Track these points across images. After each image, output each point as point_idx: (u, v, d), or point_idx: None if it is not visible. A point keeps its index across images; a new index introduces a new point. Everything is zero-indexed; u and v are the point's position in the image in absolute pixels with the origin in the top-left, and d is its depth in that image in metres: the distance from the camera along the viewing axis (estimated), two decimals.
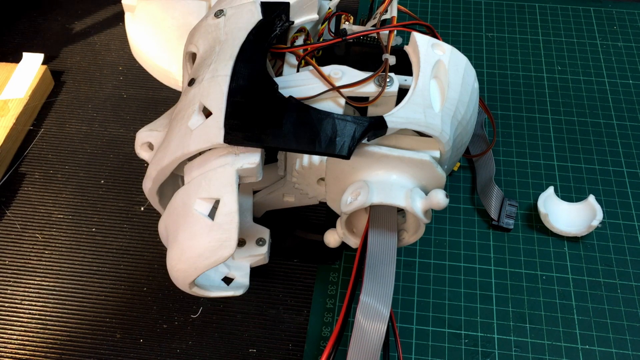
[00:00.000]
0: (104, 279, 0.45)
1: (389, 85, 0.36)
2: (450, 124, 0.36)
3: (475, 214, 0.46)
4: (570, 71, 0.56)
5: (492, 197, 0.46)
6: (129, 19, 0.47)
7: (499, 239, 0.45)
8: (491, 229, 0.46)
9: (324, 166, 0.36)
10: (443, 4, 0.62)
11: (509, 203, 0.46)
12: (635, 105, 0.53)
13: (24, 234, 0.47)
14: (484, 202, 0.46)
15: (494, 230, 0.45)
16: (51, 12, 0.63)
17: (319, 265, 0.44)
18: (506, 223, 0.45)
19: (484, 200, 0.46)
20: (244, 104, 0.33)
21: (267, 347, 0.41)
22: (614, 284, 0.43)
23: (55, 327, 0.42)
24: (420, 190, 0.35)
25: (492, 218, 0.45)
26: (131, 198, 0.49)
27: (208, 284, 0.36)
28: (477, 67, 0.52)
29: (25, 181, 0.50)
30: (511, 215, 0.45)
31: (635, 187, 0.48)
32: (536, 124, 0.52)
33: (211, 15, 0.38)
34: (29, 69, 0.55)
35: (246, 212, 0.42)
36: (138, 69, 0.54)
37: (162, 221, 0.35)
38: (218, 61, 0.35)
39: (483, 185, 0.47)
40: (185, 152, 0.33)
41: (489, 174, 0.47)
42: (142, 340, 0.42)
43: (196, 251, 0.32)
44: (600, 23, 0.60)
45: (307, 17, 0.41)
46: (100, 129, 0.53)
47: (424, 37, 0.37)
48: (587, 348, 0.40)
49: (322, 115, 0.33)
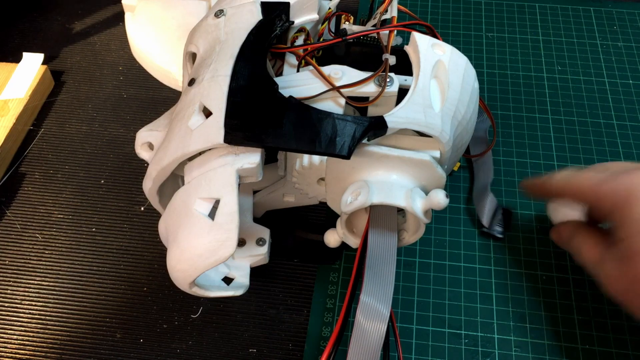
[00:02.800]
0: (104, 279, 0.45)
1: (389, 85, 0.36)
2: (451, 124, 0.36)
3: (476, 214, 0.46)
4: (570, 71, 0.56)
5: (486, 204, 0.45)
6: (129, 19, 0.47)
7: (499, 239, 0.45)
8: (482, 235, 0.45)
9: (324, 166, 0.36)
10: (443, 4, 0.62)
11: (502, 211, 0.45)
12: (635, 105, 0.53)
13: (24, 234, 0.47)
14: (477, 208, 0.46)
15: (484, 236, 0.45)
16: (51, 12, 0.63)
17: (319, 265, 0.44)
18: (496, 231, 0.45)
19: (478, 205, 0.46)
20: (244, 104, 0.33)
21: (267, 347, 0.41)
22: None
23: (55, 327, 0.42)
24: (420, 190, 0.35)
25: (483, 225, 0.45)
26: (131, 198, 0.49)
27: (208, 283, 0.36)
28: (477, 67, 0.52)
29: (25, 181, 0.50)
30: (503, 224, 0.45)
31: None
32: (536, 124, 0.52)
33: (211, 15, 0.38)
34: (29, 69, 0.55)
35: (246, 212, 0.42)
36: (138, 69, 0.54)
37: (162, 221, 0.35)
38: (218, 61, 0.35)
39: (478, 191, 0.47)
40: (186, 152, 0.33)
41: (486, 181, 0.47)
42: (142, 340, 0.42)
43: (196, 251, 0.32)
44: (600, 23, 0.60)
45: (307, 17, 0.41)
46: (100, 129, 0.53)
47: (424, 37, 0.37)
48: (587, 348, 0.40)
49: (322, 115, 0.33)
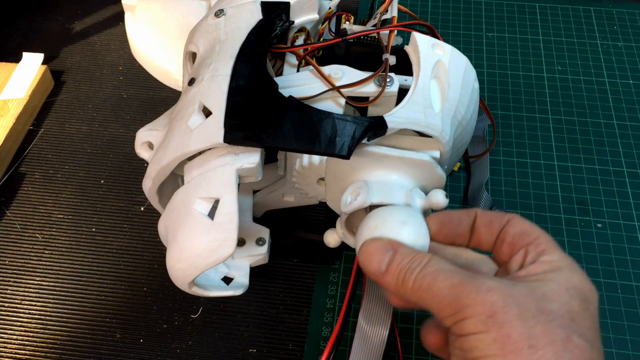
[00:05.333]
0: (104, 279, 0.45)
1: (389, 85, 0.36)
2: (450, 124, 0.35)
3: None
4: (571, 71, 0.56)
5: (480, 204, 0.45)
6: (129, 19, 0.47)
7: None
8: None
9: (324, 166, 0.36)
10: (443, 4, 0.62)
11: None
12: (635, 105, 0.53)
13: (24, 234, 0.47)
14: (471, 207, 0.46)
15: None
16: (51, 12, 0.63)
17: (319, 265, 0.44)
18: None
19: (473, 205, 0.46)
20: (244, 104, 0.33)
21: (267, 347, 0.41)
22: (614, 284, 0.43)
23: (55, 327, 0.42)
24: (420, 191, 0.35)
25: None
26: (131, 198, 0.49)
27: (208, 283, 0.36)
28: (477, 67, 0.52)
29: (25, 181, 0.50)
30: None
31: (635, 187, 0.48)
32: (536, 124, 0.52)
33: (211, 15, 0.38)
34: (29, 69, 0.55)
35: (246, 211, 0.42)
36: (138, 69, 0.54)
37: (161, 221, 0.35)
38: (218, 61, 0.35)
39: (473, 190, 0.47)
40: (185, 151, 0.33)
41: (481, 180, 0.47)
42: (142, 340, 0.42)
43: (196, 250, 0.32)
44: (600, 23, 0.60)
45: (308, 17, 0.41)
46: (100, 129, 0.53)
47: (424, 37, 0.37)
48: None
49: (322, 115, 0.33)
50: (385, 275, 0.28)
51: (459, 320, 0.25)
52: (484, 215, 0.30)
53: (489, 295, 0.25)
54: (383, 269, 0.29)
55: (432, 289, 0.26)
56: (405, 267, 0.28)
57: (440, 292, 0.26)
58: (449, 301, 0.26)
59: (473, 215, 0.30)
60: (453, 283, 0.26)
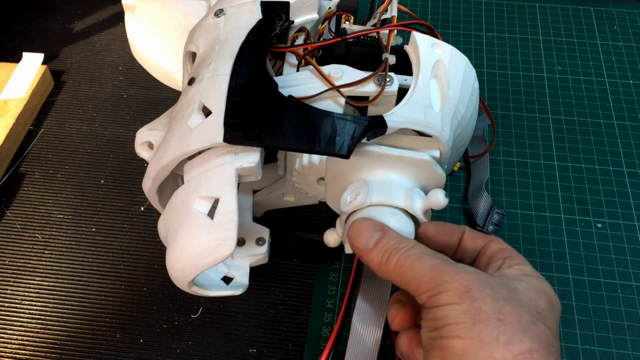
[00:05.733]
0: (104, 279, 0.45)
1: (389, 84, 0.36)
2: (450, 123, 0.35)
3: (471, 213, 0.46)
4: (571, 71, 0.56)
5: (480, 203, 0.45)
6: (129, 19, 0.47)
7: None
8: None
9: (324, 165, 0.36)
10: (443, 4, 0.62)
11: (496, 211, 0.45)
12: (635, 105, 0.53)
13: (24, 234, 0.47)
14: (472, 207, 0.46)
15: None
16: (51, 12, 0.63)
17: (319, 265, 0.44)
18: (490, 230, 0.45)
19: (473, 205, 0.46)
20: (243, 103, 0.33)
21: (267, 347, 0.41)
22: (614, 284, 0.43)
23: (55, 327, 0.42)
24: (419, 190, 0.35)
25: (477, 224, 0.45)
26: (131, 198, 0.49)
27: (207, 283, 0.36)
28: (477, 67, 0.52)
29: (25, 181, 0.50)
30: (497, 224, 0.45)
31: (635, 187, 0.48)
32: (536, 124, 0.52)
33: (211, 15, 0.38)
34: (29, 69, 0.55)
35: (246, 211, 0.42)
36: (138, 69, 0.54)
37: (161, 220, 0.35)
38: (218, 60, 0.35)
39: (473, 190, 0.47)
40: (185, 151, 0.33)
41: (481, 180, 0.47)
42: (142, 340, 0.42)
43: (195, 250, 0.32)
44: (600, 23, 0.60)
45: (307, 17, 0.41)
46: (100, 129, 0.53)
47: (424, 36, 0.37)
48: (587, 348, 0.40)
49: (322, 114, 0.33)
50: (371, 251, 0.31)
51: (435, 294, 0.27)
52: (471, 232, 0.33)
53: (466, 276, 0.27)
54: (370, 245, 0.31)
55: (414, 268, 0.29)
56: (391, 247, 0.30)
57: (422, 270, 0.28)
58: (428, 278, 0.28)
59: (462, 230, 0.33)
60: (435, 264, 0.28)
